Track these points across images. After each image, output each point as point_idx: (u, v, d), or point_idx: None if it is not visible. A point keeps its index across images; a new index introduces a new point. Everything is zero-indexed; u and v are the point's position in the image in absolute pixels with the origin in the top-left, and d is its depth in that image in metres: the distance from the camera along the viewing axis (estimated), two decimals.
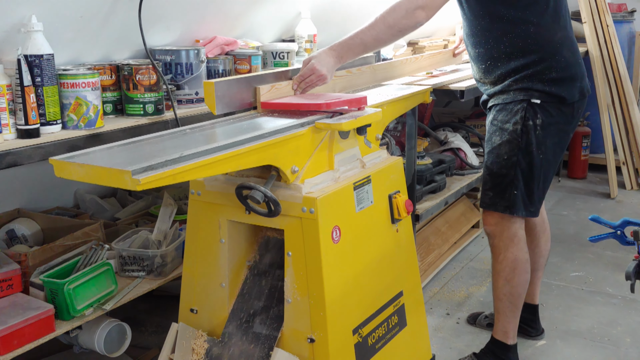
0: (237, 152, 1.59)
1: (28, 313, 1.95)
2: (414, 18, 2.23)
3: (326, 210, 1.79)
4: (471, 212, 4.12)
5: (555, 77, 2.35)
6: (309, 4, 3.18)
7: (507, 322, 2.57)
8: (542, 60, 2.35)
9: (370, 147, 2.11)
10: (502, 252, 2.51)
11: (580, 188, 5.14)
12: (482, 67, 2.48)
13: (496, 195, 2.47)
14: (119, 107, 2.29)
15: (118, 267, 2.34)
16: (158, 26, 2.46)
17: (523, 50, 2.35)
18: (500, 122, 2.43)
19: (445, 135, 3.86)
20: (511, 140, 2.40)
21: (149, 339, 2.82)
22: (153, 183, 1.37)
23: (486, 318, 2.99)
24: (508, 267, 2.50)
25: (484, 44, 2.43)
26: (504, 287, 2.53)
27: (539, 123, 2.37)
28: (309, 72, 2.18)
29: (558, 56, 2.35)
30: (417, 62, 3.31)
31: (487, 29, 2.40)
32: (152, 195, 3.02)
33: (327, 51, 2.23)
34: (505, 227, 2.49)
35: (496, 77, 2.44)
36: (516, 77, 2.38)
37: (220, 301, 1.95)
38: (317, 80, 2.18)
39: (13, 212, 2.64)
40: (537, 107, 2.36)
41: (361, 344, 1.92)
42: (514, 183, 2.42)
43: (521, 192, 2.43)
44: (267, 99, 2.07)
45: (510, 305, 2.54)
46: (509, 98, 2.41)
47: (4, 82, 1.88)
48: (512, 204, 2.44)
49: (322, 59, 2.19)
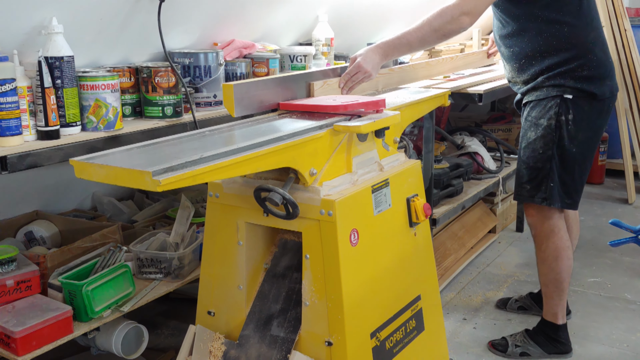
0: (256, 154, 1.59)
1: (47, 314, 1.96)
2: (459, 23, 2.35)
3: (344, 213, 1.78)
4: (488, 216, 4.10)
5: (587, 74, 2.47)
6: (326, 8, 3.19)
7: (554, 304, 2.72)
8: (575, 58, 2.47)
9: (389, 150, 2.11)
10: (544, 242, 2.66)
11: (597, 193, 5.09)
12: (515, 66, 2.60)
13: (533, 188, 2.61)
14: (137, 109, 2.30)
15: (136, 270, 2.35)
16: (177, 29, 2.47)
17: (557, 48, 2.47)
18: (535, 118, 2.57)
19: (462, 139, 3.84)
20: (545, 135, 2.54)
21: (166, 342, 2.82)
22: (173, 184, 1.37)
23: (516, 302, 3.15)
24: (551, 256, 2.66)
25: (519, 43, 2.54)
26: (549, 274, 2.69)
27: (571, 118, 2.50)
28: (355, 70, 2.31)
29: (591, 55, 2.47)
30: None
31: (522, 29, 2.52)
32: (169, 198, 3.03)
33: (373, 49, 2.36)
34: (546, 218, 2.63)
35: (530, 75, 2.57)
36: (549, 74, 2.51)
37: (237, 303, 1.95)
38: (363, 77, 2.32)
39: (31, 214, 2.66)
40: (569, 103, 2.50)
41: (379, 348, 1.91)
42: (549, 175, 2.57)
43: (557, 185, 2.57)
44: (320, 94, 2.22)
45: (556, 290, 2.69)
46: (542, 94, 2.54)
47: (25, 83, 1.89)
48: (549, 196, 2.58)
49: (367, 57, 2.32)
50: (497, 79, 3.37)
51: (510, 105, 5.14)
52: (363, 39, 3.65)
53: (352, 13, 3.41)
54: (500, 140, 3.97)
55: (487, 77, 3.37)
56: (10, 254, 2.06)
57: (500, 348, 2.80)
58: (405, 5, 3.75)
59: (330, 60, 3.14)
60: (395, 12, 3.74)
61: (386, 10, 3.63)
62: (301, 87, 2.19)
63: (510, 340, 2.81)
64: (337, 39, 3.26)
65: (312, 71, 2.28)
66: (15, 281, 2.03)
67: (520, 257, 3.84)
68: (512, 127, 4.50)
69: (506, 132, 4.53)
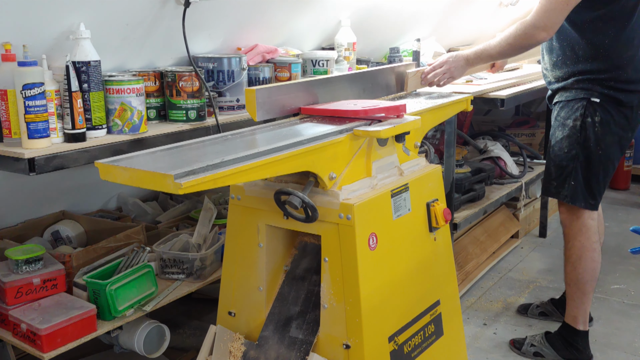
0: (277, 158, 1.61)
1: (71, 312, 2.01)
2: (535, 38, 2.47)
3: (363, 217, 1.79)
4: (510, 221, 4.07)
5: (615, 86, 2.53)
6: (348, 13, 3.20)
7: (575, 307, 2.72)
8: (607, 71, 2.54)
9: (409, 155, 2.12)
10: (571, 240, 2.70)
11: (622, 199, 5.03)
12: (552, 60, 2.68)
13: (559, 185, 2.69)
14: (162, 113, 2.34)
15: (158, 270, 2.38)
16: (201, 34, 2.51)
17: (592, 57, 2.54)
18: (563, 119, 2.66)
19: (485, 143, 3.83)
20: (571, 135, 2.62)
21: (187, 341, 2.86)
22: (194, 187, 1.39)
23: (538, 307, 3.16)
24: (575, 255, 2.68)
25: (560, 41, 2.61)
26: (571, 273, 2.71)
27: (597, 120, 2.56)
28: (443, 69, 2.56)
29: (621, 71, 2.53)
30: None
31: (567, 29, 2.57)
32: (192, 200, 3.07)
33: (461, 54, 2.57)
34: (575, 216, 2.68)
35: (562, 73, 2.65)
36: (579, 77, 2.59)
37: (257, 305, 1.98)
38: (448, 78, 2.56)
39: (58, 214, 2.72)
40: (596, 106, 2.56)
41: (397, 352, 1.92)
42: (572, 175, 2.64)
43: (579, 184, 2.63)
44: (413, 81, 2.50)
45: (578, 292, 2.70)
46: (571, 96, 2.62)
47: (53, 87, 1.94)
48: (571, 194, 2.64)
49: (457, 60, 2.55)
50: (520, 83, 3.35)
51: (534, 109, 5.10)
52: (385, 43, 3.65)
53: (375, 17, 3.42)
54: (524, 145, 3.95)
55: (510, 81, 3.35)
56: (37, 253, 2.11)
57: (517, 345, 2.85)
58: (427, 10, 3.75)
59: (352, 65, 3.15)
60: (417, 17, 3.74)
61: (409, 15, 3.64)
62: (322, 91, 2.20)
63: (529, 339, 2.83)
64: (360, 44, 3.27)
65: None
66: (42, 279, 2.09)
67: (543, 262, 3.81)
68: (535, 132, 4.47)
69: (530, 136, 4.51)
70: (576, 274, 2.69)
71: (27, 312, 2.02)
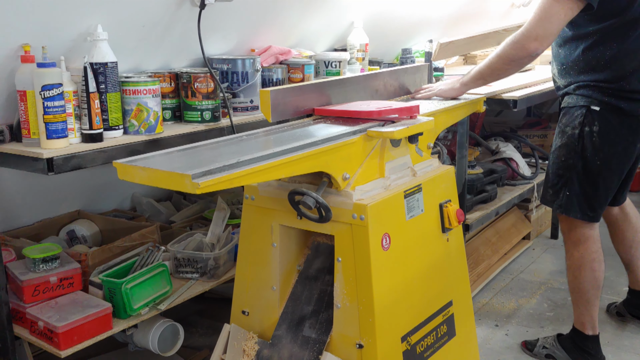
0: (292, 158, 1.62)
1: (87, 310, 2.03)
2: (526, 49, 2.31)
3: (376, 217, 1.81)
4: (522, 223, 4.07)
5: (617, 94, 2.44)
6: (361, 14, 3.21)
7: (580, 313, 2.70)
8: (609, 81, 2.44)
9: (422, 156, 2.13)
10: (570, 250, 2.66)
11: (636, 201, 5.00)
12: (557, 68, 2.63)
13: (554, 194, 2.62)
14: (177, 113, 2.36)
15: (173, 269, 2.41)
16: (215, 36, 2.53)
17: (594, 69, 2.47)
18: (563, 125, 2.57)
19: (497, 144, 3.83)
20: (568, 144, 2.54)
21: (200, 340, 2.88)
22: (211, 187, 1.41)
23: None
24: (574, 264, 2.65)
25: (565, 50, 2.55)
26: (573, 281, 2.68)
27: (596, 130, 2.47)
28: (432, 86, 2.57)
29: (624, 82, 2.43)
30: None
31: (572, 40, 2.50)
32: (205, 200, 3.09)
33: (457, 79, 2.53)
34: (572, 227, 2.62)
35: (565, 81, 2.60)
36: (581, 84, 2.51)
37: (271, 304, 1.99)
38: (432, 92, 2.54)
39: (74, 214, 2.75)
40: (595, 115, 2.47)
41: (409, 352, 1.93)
42: (567, 185, 2.55)
43: (576, 195, 2.55)
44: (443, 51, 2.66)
45: (581, 300, 2.67)
46: (573, 102, 2.54)
47: (71, 88, 1.97)
48: (565, 204, 2.57)
49: (449, 83, 2.53)
50: (532, 85, 3.35)
51: (546, 110, 5.09)
52: (397, 44, 3.67)
53: (387, 19, 3.43)
54: (536, 146, 3.94)
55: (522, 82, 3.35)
56: (54, 252, 2.14)
57: (529, 347, 2.84)
58: (439, 12, 3.76)
59: (364, 66, 3.17)
60: (430, 19, 3.75)
61: (421, 17, 3.65)
62: (335, 92, 2.22)
63: (541, 341, 2.82)
64: (372, 45, 3.29)
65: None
66: (59, 278, 2.11)
67: (555, 264, 3.81)
68: (547, 133, 4.46)
69: (542, 138, 4.50)
70: (578, 282, 2.65)
71: (44, 310, 2.04)
